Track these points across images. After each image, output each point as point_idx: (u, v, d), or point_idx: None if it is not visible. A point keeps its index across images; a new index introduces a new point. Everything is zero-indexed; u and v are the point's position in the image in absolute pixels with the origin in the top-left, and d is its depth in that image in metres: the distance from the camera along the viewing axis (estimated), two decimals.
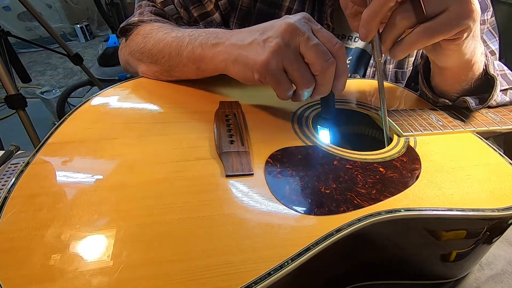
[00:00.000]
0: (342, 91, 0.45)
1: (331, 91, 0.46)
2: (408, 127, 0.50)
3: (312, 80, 0.43)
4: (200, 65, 0.51)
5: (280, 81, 0.43)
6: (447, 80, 0.53)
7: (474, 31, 0.41)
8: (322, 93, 0.45)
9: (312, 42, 0.41)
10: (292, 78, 0.43)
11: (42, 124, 1.73)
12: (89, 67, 2.05)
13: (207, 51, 0.49)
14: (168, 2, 0.64)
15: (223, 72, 0.49)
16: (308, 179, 0.40)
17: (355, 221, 0.35)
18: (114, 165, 0.39)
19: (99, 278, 0.28)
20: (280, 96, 0.45)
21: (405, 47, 0.42)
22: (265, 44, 0.42)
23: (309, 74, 0.43)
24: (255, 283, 0.28)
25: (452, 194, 0.39)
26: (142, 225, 0.32)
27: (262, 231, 0.33)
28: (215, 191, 0.37)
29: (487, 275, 0.47)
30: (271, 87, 0.45)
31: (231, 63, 0.46)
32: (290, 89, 0.44)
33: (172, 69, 0.54)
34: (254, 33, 0.45)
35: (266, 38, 0.43)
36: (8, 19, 2.98)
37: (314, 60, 0.41)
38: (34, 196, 0.34)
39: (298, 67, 0.42)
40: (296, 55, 0.42)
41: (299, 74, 0.42)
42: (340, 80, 0.44)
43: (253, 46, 0.44)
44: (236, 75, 0.47)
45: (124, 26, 0.64)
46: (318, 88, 0.44)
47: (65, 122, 0.45)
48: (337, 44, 0.42)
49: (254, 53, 0.43)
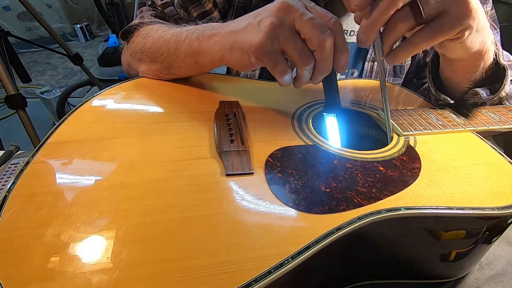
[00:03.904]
0: (345, 69, 0.44)
1: (333, 70, 0.44)
2: (408, 127, 0.50)
3: (310, 56, 0.42)
4: (198, 59, 0.51)
5: (277, 62, 0.42)
6: (458, 72, 0.53)
7: (477, 26, 0.41)
8: (323, 71, 0.43)
9: (306, 17, 0.40)
10: (290, 58, 0.42)
11: (42, 124, 1.73)
12: (89, 67, 2.06)
13: (204, 43, 0.49)
14: (168, 4, 0.64)
15: (221, 63, 0.49)
16: (308, 178, 0.40)
17: (355, 220, 0.35)
18: (114, 165, 0.39)
19: (99, 277, 0.28)
20: (279, 79, 0.44)
21: (406, 51, 0.42)
22: (260, 25, 0.42)
23: (307, 50, 0.42)
24: (255, 281, 0.28)
25: (452, 193, 0.39)
26: (142, 224, 0.32)
27: (262, 229, 0.33)
28: (215, 190, 0.37)
29: (487, 275, 0.47)
30: (268, 69, 0.43)
31: (227, 51, 0.46)
32: (288, 71, 0.43)
33: (171, 66, 0.54)
34: (248, 17, 0.45)
35: (260, 20, 0.42)
36: (8, 19, 2.97)
37: (310, 34, 0.40)
38: (34, 195, 0.34)
39: (294, 44, 0.41)
40: (291, 32, 0.41)
41: (296, 51, 0.41)
42: (340, 55, 0.42)
43: (248, 30, 0.43)
44: (233, 63, 0.46)
45: (125, 29, 0.65)
46: (318, 65, 0.43)
47: (65, 122, 0.45)
48: (333, 19, 0.41)
49: (249, 36, 0.43)
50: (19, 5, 1.51)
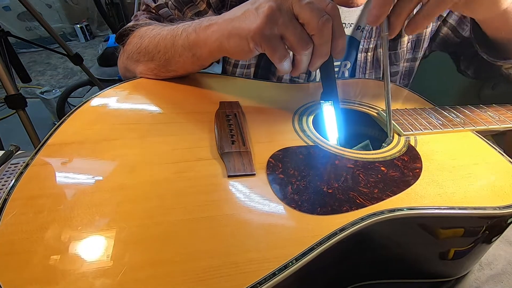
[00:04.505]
0: (342, 55, 0.44)
1: (331, 57, 0.44)
2: (408, 126, 0.50)
3: (309, 41, 0.42)
4: (196, 51, 0.50)
5: (276, 47, 0.42)
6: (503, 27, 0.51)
7: None
8: (321, 56, 0.43)
9: (304, 1, 0.40)
10: (289, 42, 0.42)
11: (42, 124, 1.73)
12: (89, 67, 2.05)
13: (201, 34, 0.49)
14: (162, 6, 0.64)
15: (219, 53, 0.49)
16: (310, 179, 0.39)
17: (358, 221, 0.35)
18: (114, 166, 0.39)
19: (101, 280, 0.28)
20: (278, 65, 0.44)
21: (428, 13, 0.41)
22: (258, 10, 0.42)
23: (305, 35, 0.41)
24: (259, 284, 0.28)
25: (454, 192, 0.39)
26: (144, 226, 0.32)
27: (265, 231, 0.33)
28: (217, 192, 0.37)
29: (487, 275, 0.47)
30: (267, 55, 0.43)
31: (225, 39, 0.45)
32: (287, 56, 0.43)
33: (169, 62, 0.54)
34: (245, 5, 0.44)
35: (258, 5, 0.42)
36: (8, 19, 2.97)
37: (308, 18, 0.40)
38: (34, 198, 0.34)
39: (293, 28, 0.41)
40: (290, 17, 0.41)
41: (295, 36, 0.41)
42: (338, 40, 0.43)
43: (246, 16, 0.43)
44: (231, 50, 0.46)
45: (120, 32, 0.64)
46: (317, 49, 0.43)
47: (64, 122, 0.44)
48: (330, 4, 0.41)
49: (248, 21, 0.42)
50: (19, 5, 1.51)
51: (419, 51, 0.72)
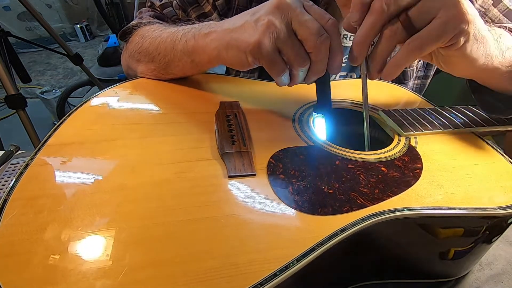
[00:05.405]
0: (338, 71, 0.44)
1: (327, 72, 0.44)
2: (409, 127, 0.50)
3: (306, 58, 0.41)
4: (195, 57, 0.50)
5: (274, 62, 0.42)
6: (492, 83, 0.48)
7: (473, 33, 0.38)
8: (317, 72, 0.43)
9: (304, 17, 0.40)
10: (287, 57, 0.42)
11: (42, 124, 1.72)
12: (89, 67, 2.05)
13: (200, 41, 0.48)
14: (167, 5, 0.64)
15: (217, 61, 0.49)
16: (310, 179, 0.39)
17: (359, 221, 0.35)
18: (115, 167, 0.39)
19: (102, 281, 0.28)
20: (277, 79, 0.43)
21: (397, 63, 0.40)
22: (257, 23, 0.41)
23: (303, 51, 0.41)
24: (260, 285, 0.28)
25: (454, 193, 0.39)
26: (144, 227, 0.32)
27: (266, 232, 0.33)
28: (218, 192, 0.37)
29: (487, 275, 0.47)
30: (265, 69, 0.43)
31: (223, 49, 0.45)
32: (285, 70, 0.43)
33: (168, 65, 0.54)
34: (245, 15, 0.44)
35: (258, 18, 0.41)
36: (8, 19, 2.97)
37: (307, 36, 0.40)
38: (34, 198, 0.34)
39: (291, 45, 0.41)
40: (289, 32, 0.40)
41: (293, 52, 0.41)
42: (335, 58, 0.42)
43: (245, 28, 0.43)
44: (230, 61, 0.46)
45: (124, 30, 0.64)
46: (313, 66, 0.42)
47: (64, 122, 0.44)
48: (330, 20, 0.41)
49: (247, 34, 0.42)
50: (19, 5, 1.51)
51: (431, 69, 0.71)
